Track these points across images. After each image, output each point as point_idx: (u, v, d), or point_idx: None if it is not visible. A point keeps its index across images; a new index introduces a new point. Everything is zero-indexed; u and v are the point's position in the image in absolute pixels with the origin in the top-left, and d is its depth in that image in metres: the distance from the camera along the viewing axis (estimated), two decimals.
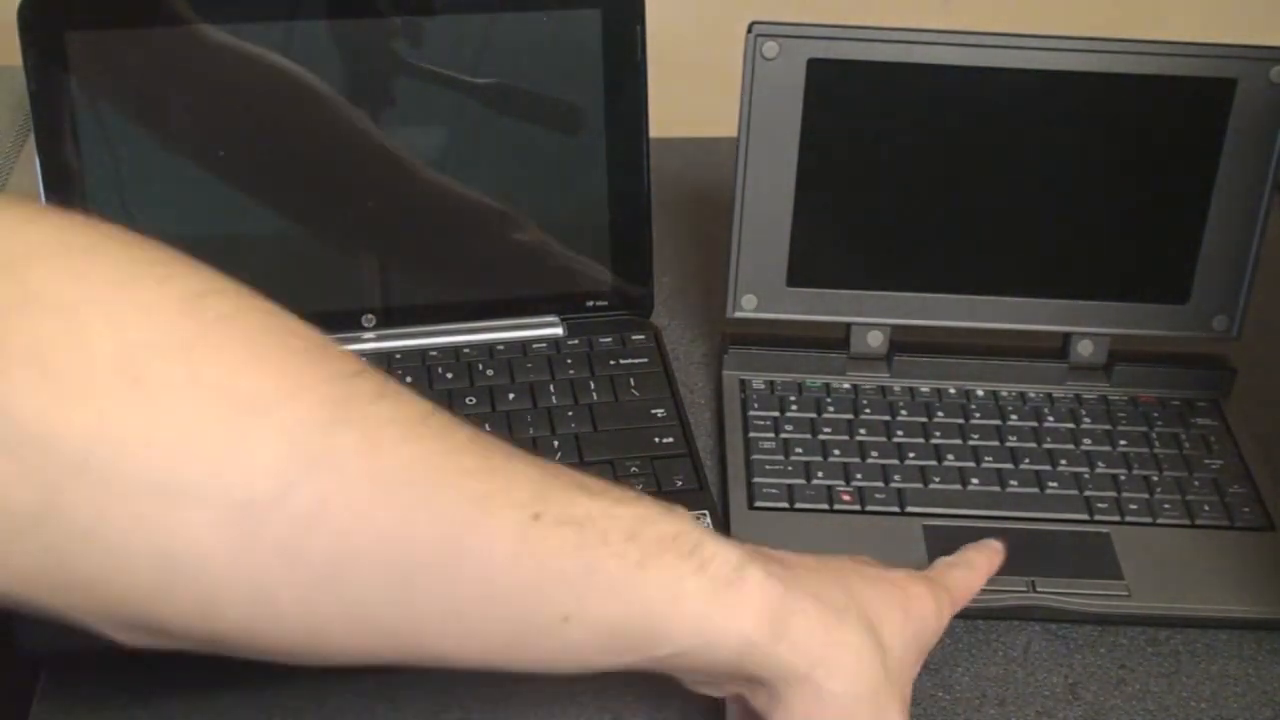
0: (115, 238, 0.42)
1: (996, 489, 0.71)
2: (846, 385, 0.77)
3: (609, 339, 0.79)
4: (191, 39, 0.73)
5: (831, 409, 0.76)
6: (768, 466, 0.72)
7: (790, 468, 0.72)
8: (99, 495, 0.39)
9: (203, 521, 0.40)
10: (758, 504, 0.70)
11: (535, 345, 0.78)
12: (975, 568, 0.61)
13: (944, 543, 0.68)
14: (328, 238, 0.78)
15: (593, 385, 0.76)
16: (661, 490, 0.70)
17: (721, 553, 0.48)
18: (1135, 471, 0.73)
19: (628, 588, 0.46)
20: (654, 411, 0.75)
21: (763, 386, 0.77)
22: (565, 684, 0.62)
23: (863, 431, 0.74)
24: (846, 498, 0.70)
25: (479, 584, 0.44)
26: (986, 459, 0.73)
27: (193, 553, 0.40)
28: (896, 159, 0.74)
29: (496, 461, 0.45)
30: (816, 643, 0.50)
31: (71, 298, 0.39)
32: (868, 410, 0.76)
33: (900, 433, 0.74)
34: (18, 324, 0.38)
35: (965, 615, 0.66)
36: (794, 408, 0.75)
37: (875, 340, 0.78)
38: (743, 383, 0.78)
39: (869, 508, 0.70)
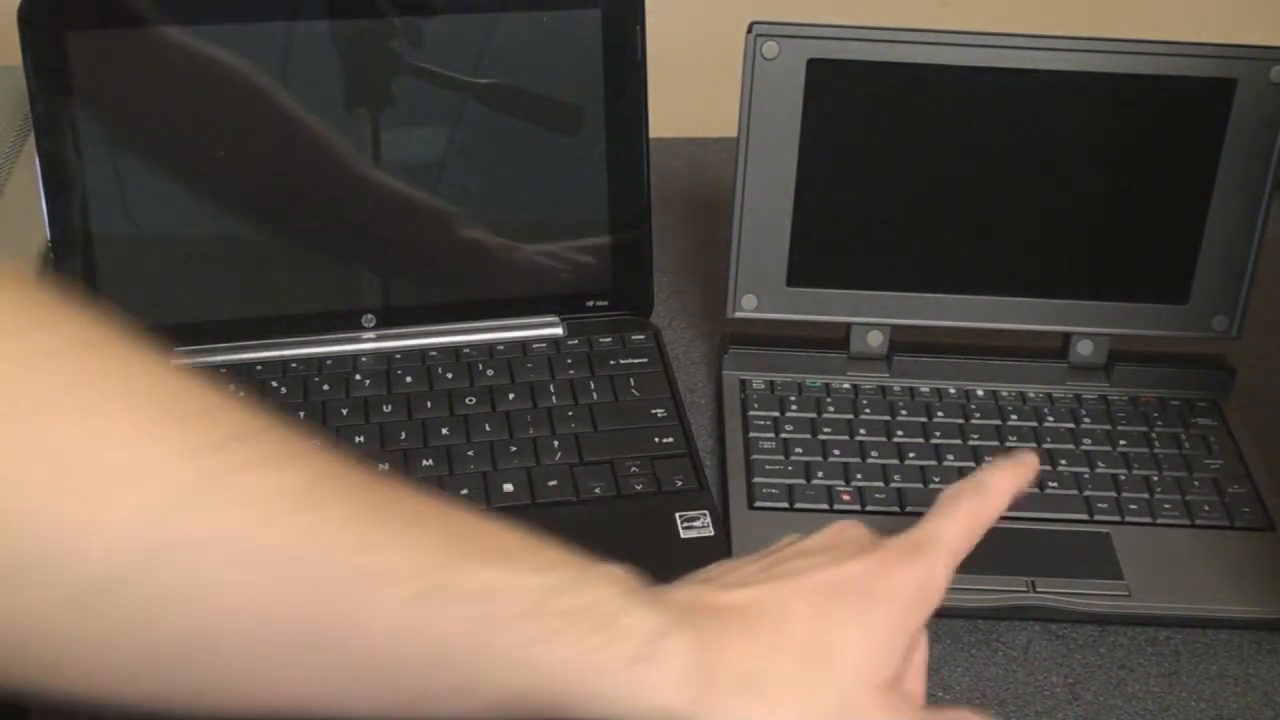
0: None
1: None
2: (846, 385, 0.77)
3: (609, 339, 0.79)
4: (191, 39, 0.73)
5: (831, 409, 0.76)
6: (768, 466, 0.72)
7: (790, 468, 0.72)
8: None
9: (46, 599, 0.38)
10: (758, 504, 0.70)
11: (535, 345, 0.78)
12: (985, 492, 0.56)
13: None
14: (328, 237, 0.78)
15: (593, 385, 0.76)
16: (661, 490, 0.70)
17: (642, 622, 0.46)
18: (1135, 471, 0.73)
19: (522, 666, 0.44)
20: (654, 411, 0.74)
21: (763, 386, 0.77)
22: None
23: (863, 431, 0.74)
24: (846, 498, 0.70)
25: (352, 663, 0.43)
26: (986, 459, 0.73)
27: (36, 627, 0.39)
28: (896, 159, 0.74)
29: (388, 532, 0.43)
30: (751, 694, 0.47)
31: None
32: (868, 410, 0.76)
33: (900, 433, 0.74)
34: None
35: (965, 615, 0.66)
36: (794, 408, 0.75)
37: (875, 340, 0.78)
38: (743, 383, 0.78)
39: (869, 508, 0.70)
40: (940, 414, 0.76)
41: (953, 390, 0.77)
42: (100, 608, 0.39)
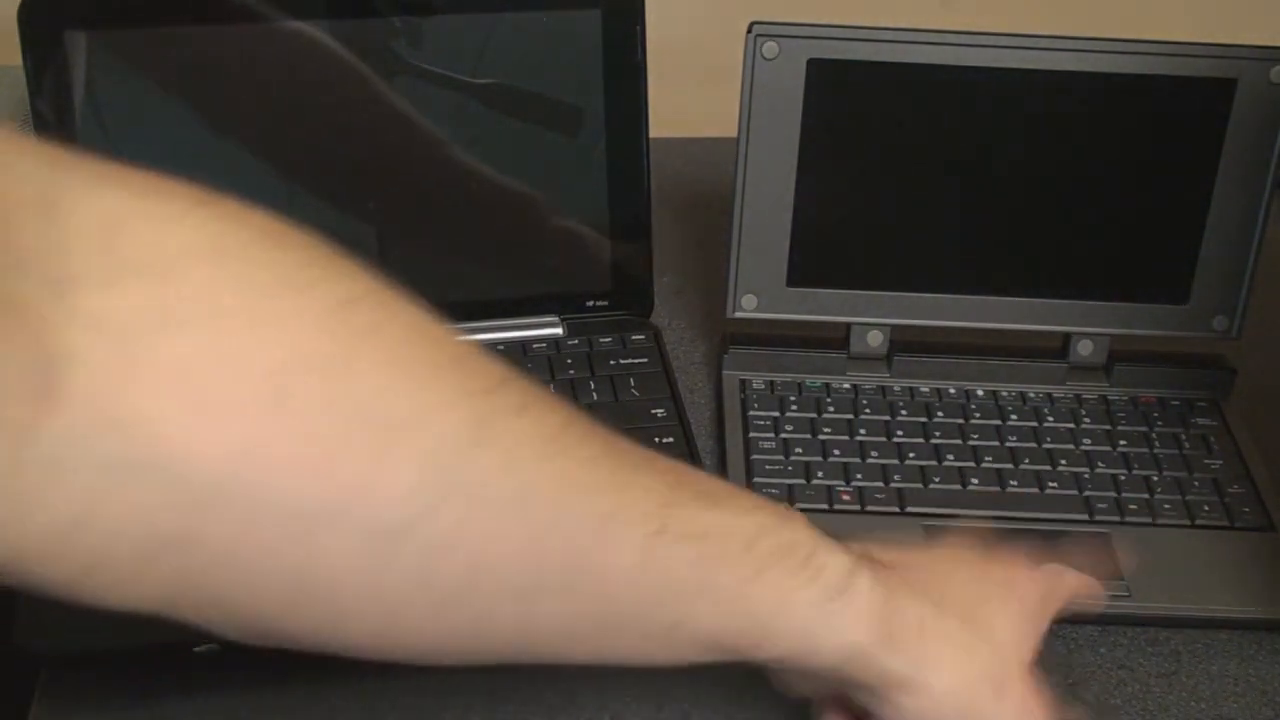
0: (267, 235, 0.41)
1: (996, 489, 0.71)
2: (846, 385, 0.77)
3: (609, 339, 0.79)
4: (191, 39, 0.73)
5: (831, 409, 0.76)
6: (768, 466, 0.72)
7: (790, 468, 0.72)
8: (237, 520, 0.38)
9: (339, 545, 0.39)
10: None
11: (535, 345, 0.78)
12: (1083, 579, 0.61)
13: None
14: (327, 239, 0.78)
15: (593, 385, 0.76)
16: None
17: (833, 561, 0.49)
18: (1135, 471, 0.73)
19: (740, 598, 0.47)
20: (654, 411, 0.75)
21: (763, 386, 0.77)
22: (565, 684, 0.62)
23: (863, 431, 0.74)
24: (846, 498, 0.70)
25: (598, 598, 0.45)
26: (986, 459, 0.73)
27: (327, 575, 0.40)
28: (896, 159, 0.74)
29: (627, 474, 0.46)
30: (919, 643, 0.50)
31: (220, 309, 0.38)
32: (868, 410, 0.76)
33: (900, 433, 0.74)
34: (166, 338, 0.37)
35: None
36: (794, 408, 0.75)
37: (875, 340, 0.78)
38: (743, 383, 0.78)
39: (869, 508, 0.70)
40: (940, 414, 0.76)
41: (953, 390, 0.77)
42: (389, 553, 0.40)
